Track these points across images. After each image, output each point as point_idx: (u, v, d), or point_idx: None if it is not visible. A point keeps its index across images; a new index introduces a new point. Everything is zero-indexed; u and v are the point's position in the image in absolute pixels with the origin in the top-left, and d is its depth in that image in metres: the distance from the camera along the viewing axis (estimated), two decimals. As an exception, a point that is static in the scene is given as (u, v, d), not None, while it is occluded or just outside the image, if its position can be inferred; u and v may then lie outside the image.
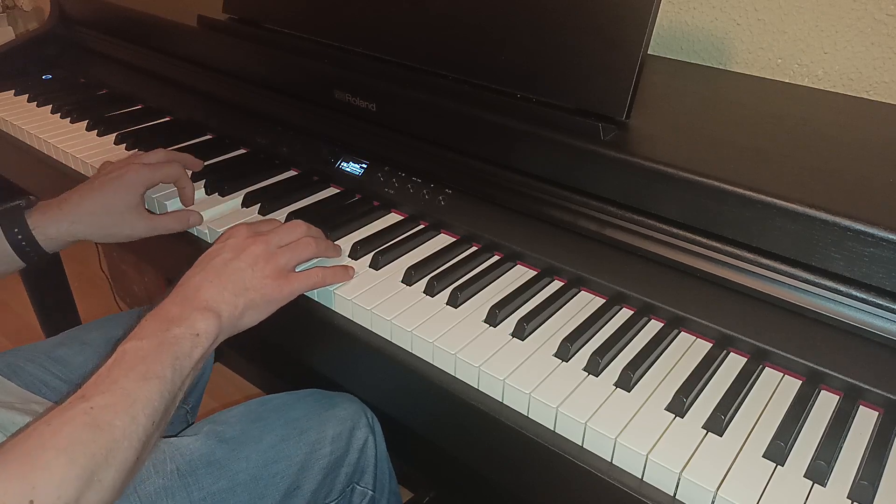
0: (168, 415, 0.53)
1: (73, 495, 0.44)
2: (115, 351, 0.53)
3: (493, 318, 0.62)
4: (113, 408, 0.48)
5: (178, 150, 0.92)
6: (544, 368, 0.57)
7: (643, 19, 0.64)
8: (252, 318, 0.60)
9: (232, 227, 0.66)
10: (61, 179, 0.94)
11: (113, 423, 0.47)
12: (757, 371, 0.57)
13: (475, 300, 0.66)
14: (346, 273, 0.67)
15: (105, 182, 0.75)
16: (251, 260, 0.61)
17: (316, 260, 0.69)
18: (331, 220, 0.76)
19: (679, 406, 0.54)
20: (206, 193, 0.84)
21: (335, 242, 0.72)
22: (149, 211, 0.78)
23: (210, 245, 0.78)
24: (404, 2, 0.80)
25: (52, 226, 0.73)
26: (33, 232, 0.72)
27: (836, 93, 0.87)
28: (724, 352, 0.60)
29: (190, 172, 0.84)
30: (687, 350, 0.60)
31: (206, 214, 0.79)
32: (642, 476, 0.51)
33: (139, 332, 0.54)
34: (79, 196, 0.74)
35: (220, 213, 0.80)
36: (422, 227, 0.77)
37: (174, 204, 0.82)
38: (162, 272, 1.54)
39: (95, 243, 1.74)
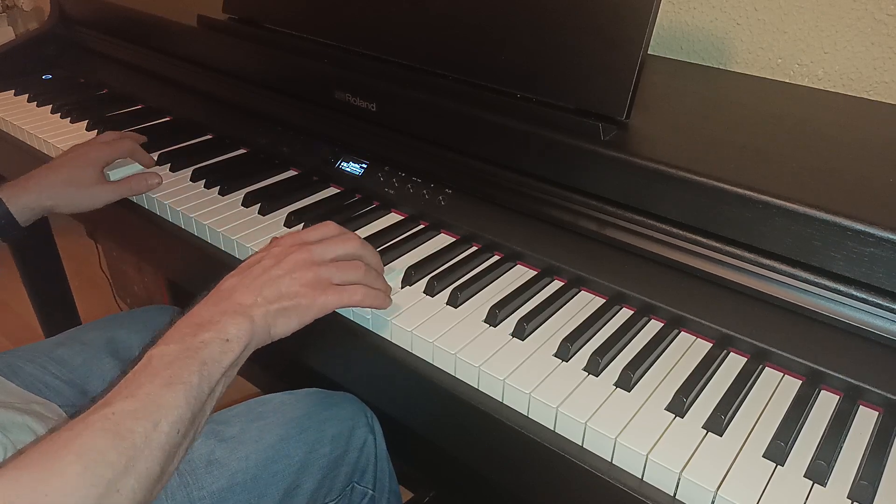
0: (196, 424, 0.51)
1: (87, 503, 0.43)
2: (142, 356, 0.52)
3: (493, 318, 0.62)
4: (134, 413, 0.47)
5: (178, 150, 0.94)
6: (544, 368, 0.57)
7: (643, 19, 0.64)
8: (285, 327, 0.58)
9: (280, 237, 0.64)
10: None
11: (134, 430, 0.46)
12: (757, 371, 0.57)
13: (475, 300, 0.66)
14: (387, 301, 0.63)
15: (67, 160, 0.83)
16: (290, 267, 0.59)
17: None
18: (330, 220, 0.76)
19: (679, 406, 0.54)
20: (206, 187, 0.85)
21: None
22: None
23: (208, 243, 0.78)
24: (404, 2, 0.80)
25: (22, 197, 0.80)
26: (7, 205, 0.79)
27: (836, 93, 0.87)
28: (724, 352, 0.60)
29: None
30: (687, 350, 0.60)
31: (207, 215, 0.79)
32: (642, 476, 0.51)
33: (168, 336, 0.53)
34: (44, 172, 0.82)
35: (221, 213, 0.80)
36: (422, 227, 0.77)
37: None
38: (162, 272, 1.54)
39: (95, 243, 1.74)
